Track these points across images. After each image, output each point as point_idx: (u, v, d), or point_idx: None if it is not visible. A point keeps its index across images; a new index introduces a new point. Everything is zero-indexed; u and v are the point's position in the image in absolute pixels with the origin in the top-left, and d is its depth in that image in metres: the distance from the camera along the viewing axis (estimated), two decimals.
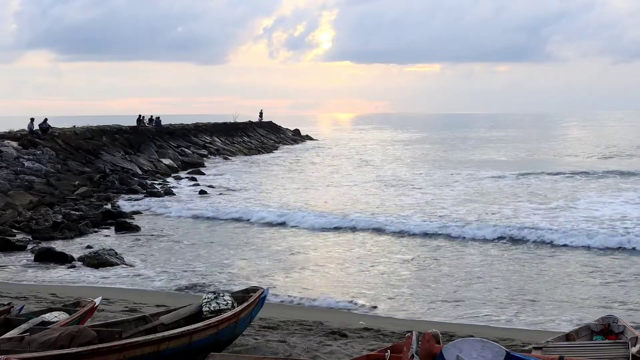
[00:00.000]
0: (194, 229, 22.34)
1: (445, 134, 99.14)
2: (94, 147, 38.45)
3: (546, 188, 31.30)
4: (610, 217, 22.55)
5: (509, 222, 21.58)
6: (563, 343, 7.56)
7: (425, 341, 5.93)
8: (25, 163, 30.59)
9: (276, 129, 75.38)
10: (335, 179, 38.16)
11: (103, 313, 10.73)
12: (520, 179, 34.99)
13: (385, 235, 20.89)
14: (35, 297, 12.78)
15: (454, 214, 23.69)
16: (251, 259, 17.77)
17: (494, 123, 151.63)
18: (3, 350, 6.72)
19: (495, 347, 5.46)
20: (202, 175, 39.29)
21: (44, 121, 38.20)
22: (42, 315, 8.22)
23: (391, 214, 23.89)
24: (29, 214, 23.08)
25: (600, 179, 34.70)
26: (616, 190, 29.99)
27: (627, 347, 7.04)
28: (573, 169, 39.20)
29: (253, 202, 27.92)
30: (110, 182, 31.88)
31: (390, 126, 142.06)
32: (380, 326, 11.25)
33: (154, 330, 8.00)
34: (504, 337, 10.26)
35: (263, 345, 9.14)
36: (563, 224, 21.12)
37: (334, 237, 20.77)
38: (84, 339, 6.90)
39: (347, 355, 8.70)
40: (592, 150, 58.28)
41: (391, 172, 41.46)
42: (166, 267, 16.75)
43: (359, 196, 29.87)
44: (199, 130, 56.59)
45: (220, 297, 8.64)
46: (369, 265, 16.89)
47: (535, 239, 19.35)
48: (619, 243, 18.34)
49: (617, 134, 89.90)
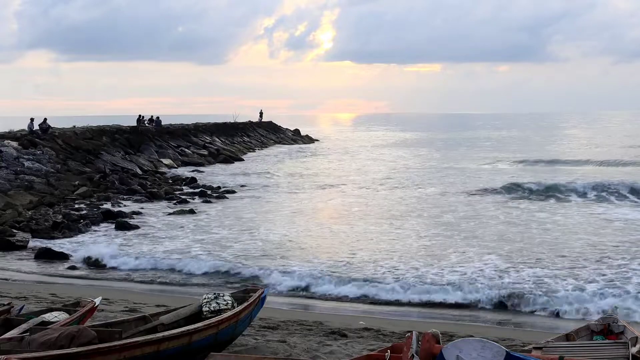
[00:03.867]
0: (195, 228, 22.32)
1: (452, 134, 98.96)
2: (94, 147, 38.46)
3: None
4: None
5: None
6: (563, 343, 7.57)
7: (425, 341, 5.93)
8: (25, 163, 30.59)
9: (276, 129, 75.43)
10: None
11: (103, 313, 10.73)
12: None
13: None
14: (35, 297, 12.79)
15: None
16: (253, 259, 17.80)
17: (499, 123, 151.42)
18: (3, 350, 6.72)
19: (495, 347, 5.46)
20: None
21: (44, 121, 38.21)
22: (42, 315, 8.21)
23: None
24: (29, 214, 23.09)
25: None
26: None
27: (627, 347, 7.04)
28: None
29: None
30: (110, 182, 31.89)
31: (390, 127, 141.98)
32: (380, 326, 11.25)
33: (154, 330, 8.00)
34: (504, 337, 10.27)
35: (263, 345, 9.14)
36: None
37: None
38: (84, 339, 6.90)
39: (347, 355, 8.71)
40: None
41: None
42: (165, 267, 16.75)
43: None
44: (199, 130, 56.62)
45: (220, 297, 8.64)
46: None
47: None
48: None
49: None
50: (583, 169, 41.12)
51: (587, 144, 67.16)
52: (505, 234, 20.25)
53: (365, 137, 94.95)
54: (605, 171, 39.29)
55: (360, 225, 22.22)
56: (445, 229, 21.06)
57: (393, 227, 21.81)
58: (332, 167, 45.99)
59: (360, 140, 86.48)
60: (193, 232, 21.64)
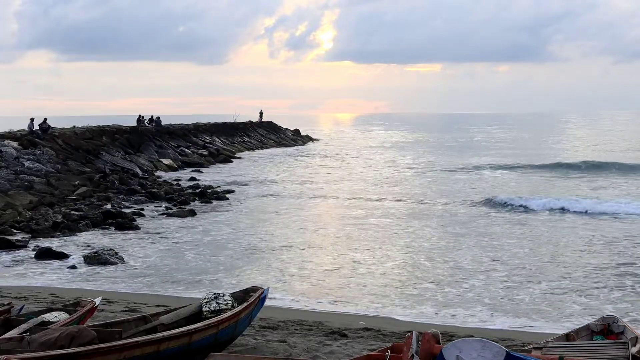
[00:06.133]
0: (194, 228, 22.32)
1: (451, 134, 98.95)
2: (94, 147, 38.48)
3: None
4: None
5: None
6: (563, 343, 7.57)
7: (425, 341, 5.93)
8: (25, 163, 30.59)
9: (276, 129, 75.41)
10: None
11: (103, 313, 10.73)
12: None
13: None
14: (35, 297, 12.79)
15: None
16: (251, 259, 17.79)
17: (500, 123, 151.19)
18: (3, 350, 6.72)
19: (495, 347, 5.46)
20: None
21: (44, 121, 38.22)
22: (42, 315, 8.22)
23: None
24: (29, 214, 23.08)
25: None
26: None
27: (627, 347, 7.04)
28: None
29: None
30: (110, 182, 31.88)
31: (390, 127, 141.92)
32: (380, 326, 11.25)
33: (154, 330, 8.00)
34: (504, 337, 10.27)
35: (263, 345, 9.14)
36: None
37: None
38: (84, 339, 6.90)
39: (347, 355, 8.70)
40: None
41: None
42: (166, 267, 16.75)
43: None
44: (199, 130, 56.64)
45: (220, 297, 8.64)
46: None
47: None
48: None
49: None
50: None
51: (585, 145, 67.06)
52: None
53: (364, 137, 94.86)
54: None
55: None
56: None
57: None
58: (322, 173, 43.61)
59: (359, 140, 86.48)
60: (193, 232, 21.65)
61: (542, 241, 19.73)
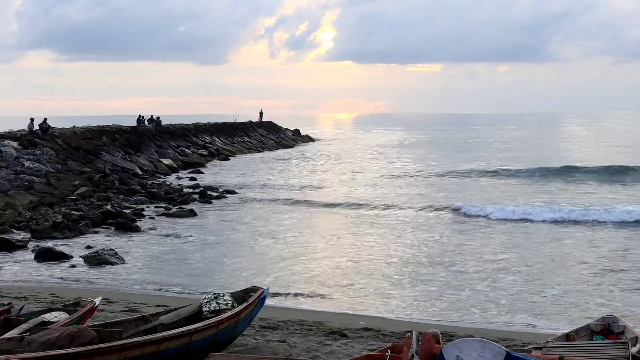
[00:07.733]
0: (195, 229, 22.32)
1: (451, 134, 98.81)
2: (94, 147, 38.48)
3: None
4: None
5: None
6: (563, 343, 7.56)
7: (425, 341, 5.93)
8: (25, 163, 30.60)
9: (276, 129, 75.38)
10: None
11: (103, 313, 10.73)
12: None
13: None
14: (35, 297, 12.78)
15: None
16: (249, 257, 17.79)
17: (499, 123, 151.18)
18: (3, 350, 6.72)
19: (495, 347, 5.46)
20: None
21: (44, 121, 38.23)
22: (42, 315, 8.21)
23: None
24: (29, 214, 23.09)
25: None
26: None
27: (627, 347, 7.04)
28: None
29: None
30: (110, 182, 31.88)
31: (389, 127, 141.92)
32: (380, 326, 11.24)
33: (154, 330, 8.00)
34: (504, 337, 10.27)
35: (263, 345, 9.14)
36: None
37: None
38: (84, 339, 6.90)
39: (347, 355, 8.70)
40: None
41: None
42: (166, 267, 16.75)
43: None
44: (199, 130, 56.63)
45: (220, 297, 8.63)
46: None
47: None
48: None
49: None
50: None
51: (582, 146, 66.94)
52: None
53: (363, 138, 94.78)
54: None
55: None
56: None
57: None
58: (321, 172, 43.21)
59: (358, 140, 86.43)
60: (193, 232, 21.65)
61: (544, 242, 19.77)
